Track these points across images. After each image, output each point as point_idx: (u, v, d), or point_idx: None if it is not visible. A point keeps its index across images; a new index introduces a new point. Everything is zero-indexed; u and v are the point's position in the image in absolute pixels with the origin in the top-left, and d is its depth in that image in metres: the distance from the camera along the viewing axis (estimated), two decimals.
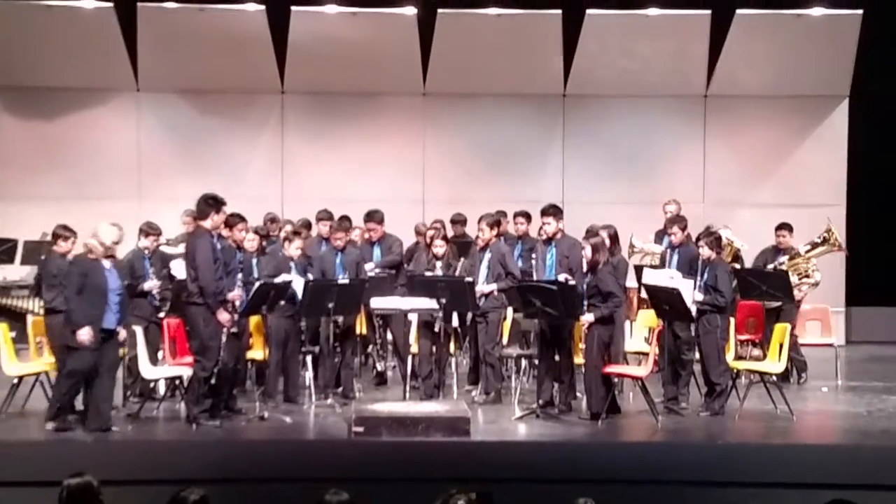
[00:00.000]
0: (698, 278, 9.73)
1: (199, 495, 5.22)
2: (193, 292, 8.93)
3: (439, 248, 10.45)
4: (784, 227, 11.58)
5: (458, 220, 12.63)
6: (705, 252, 9.79)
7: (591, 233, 10.02)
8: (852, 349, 13.94)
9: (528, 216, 11.72)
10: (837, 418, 10.04)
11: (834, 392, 11.05)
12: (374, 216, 11.31)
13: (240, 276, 9.33)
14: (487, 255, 10.35)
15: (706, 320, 9.66)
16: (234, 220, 9.65)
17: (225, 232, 9.46)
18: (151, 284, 9.96)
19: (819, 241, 11.74)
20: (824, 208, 13.47)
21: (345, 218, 11.80)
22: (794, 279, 11.15)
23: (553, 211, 10.30)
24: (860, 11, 14.09)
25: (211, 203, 9.08)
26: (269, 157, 14.98)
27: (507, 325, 10.61)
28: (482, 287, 10.18)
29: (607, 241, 9.98)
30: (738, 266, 11.41)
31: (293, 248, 10.30)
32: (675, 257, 10.33)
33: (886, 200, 14.73)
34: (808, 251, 11.62)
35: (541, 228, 10.39)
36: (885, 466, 7.88)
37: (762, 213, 13.78)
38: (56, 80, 14.60)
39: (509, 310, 10.48)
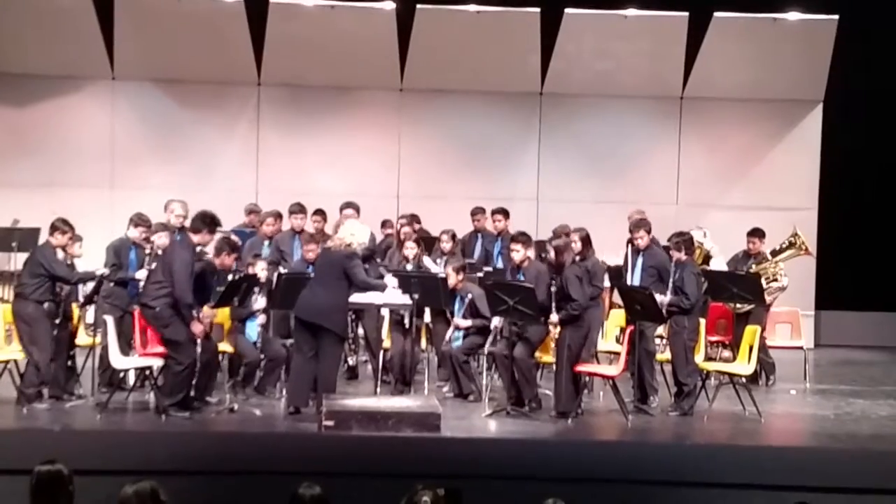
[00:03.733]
0: (671, 280, 9.77)
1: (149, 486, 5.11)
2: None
3: (410, 250, 10.55)
4: (755, 233, 11.60)
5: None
6: (675, 253, 9.83)
7: (556, 234, 9.98)
8: (821, 352, 14.02)
9: (506, 213, 11.81)
10: (805, 421, 10.13)
11: (802, 395, 11.14)
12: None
13: None
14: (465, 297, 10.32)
15: (674, 321, 9.72)
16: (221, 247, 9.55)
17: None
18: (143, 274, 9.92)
19: (786, 244, 11.82)
20: (797, 212, 13.54)
21: (319, 211, 11.79)
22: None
23: (523, 239, 9.91)
24: (836, 17, 14.16)
25: (208, 222, 9.09)
26: (244, 149, 14.89)
27: None
28: (458, 321, 10.23)
29: (579, 245, 9.78)
30: (709, 268, 11.45)
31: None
32: (640, 260, 10.26)
33: (858, 205, 14.83)
34: (775, 255, 11.70)
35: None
36: (851, 469, 7.94)
37: (735, 216, 13.82)
38: (31, 67, 14.45)
39: None
